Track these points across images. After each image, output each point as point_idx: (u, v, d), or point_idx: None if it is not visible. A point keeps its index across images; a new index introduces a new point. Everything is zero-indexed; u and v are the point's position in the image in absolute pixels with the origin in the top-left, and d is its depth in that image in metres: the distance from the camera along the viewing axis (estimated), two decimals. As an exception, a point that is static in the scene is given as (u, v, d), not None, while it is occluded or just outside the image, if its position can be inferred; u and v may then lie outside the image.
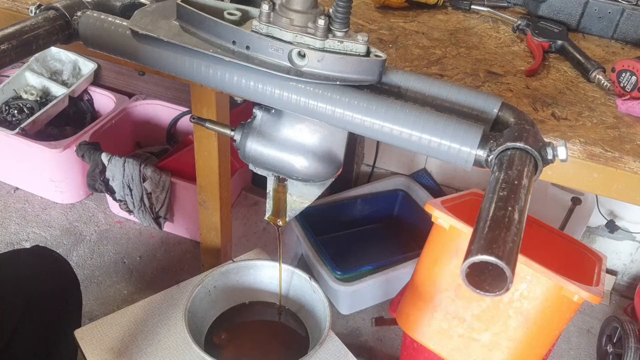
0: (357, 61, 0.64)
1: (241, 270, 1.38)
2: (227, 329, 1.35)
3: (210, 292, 1.33)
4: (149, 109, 2.54)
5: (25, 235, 2.23)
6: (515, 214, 0.50)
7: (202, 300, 1.31)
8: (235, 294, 1.39)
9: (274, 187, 0.88)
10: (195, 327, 1.26)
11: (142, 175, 2.12)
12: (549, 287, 1.22)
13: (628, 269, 2.31)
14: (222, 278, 1.35)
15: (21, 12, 1.06)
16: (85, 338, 1.31)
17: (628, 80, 0.95)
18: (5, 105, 2.39)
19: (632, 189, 0.85)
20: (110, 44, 0.71)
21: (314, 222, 2.13)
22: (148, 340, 1.32)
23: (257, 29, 0.65)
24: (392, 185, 2.42)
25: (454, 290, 1.34)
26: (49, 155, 2.21)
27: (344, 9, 0.63)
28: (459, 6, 1.26)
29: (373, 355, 1.96)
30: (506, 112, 0.69)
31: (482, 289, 0.50)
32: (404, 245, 2.31)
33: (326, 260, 1.97)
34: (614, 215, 2.20)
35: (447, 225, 1.32)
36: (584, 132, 0.86)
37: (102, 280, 2.09)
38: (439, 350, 1.38)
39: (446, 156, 0.63)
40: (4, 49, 0.64)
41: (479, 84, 0.97)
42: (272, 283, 1.38)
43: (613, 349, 1.94)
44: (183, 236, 2.31)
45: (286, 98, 0.67)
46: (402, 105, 0.64)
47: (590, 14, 1.18)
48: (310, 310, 1.33)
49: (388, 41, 1.07)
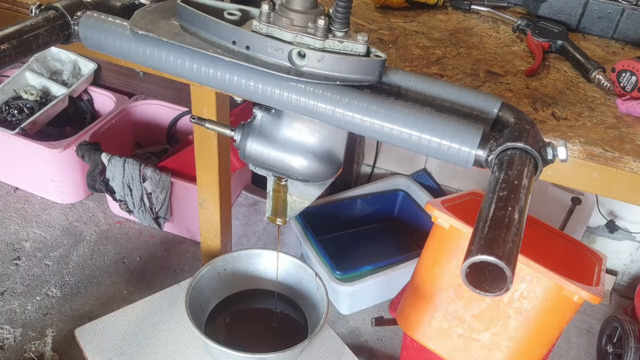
0: (357, 61, 0.64)
1: (252, 257, 1.42)
2: (230, 313, 1.39)
3: (220, 274, 1.37)
4: (149, 109, 2.54)
5: (25, 235, 2.23)
6: (515, 214, 0.50)
7: (211, 280, 1.35)
8: (244, 280, 1.43)
9: (274, 187, 0.88)
10: (199, 306, 1.30)
11: (142, 175, 2.12)
12: (549, 287, 1.22)
13: (628, 269, 2.31)
14: (233, 262, 1.39)
15: (21, 12, 1.06)
16: (86, 337, 1.31)
17: (628, 80, 0.95)
18: (5, 105, 2.39)
19: (632, 189, 0.85)
20: (110, 44, 0.71)
21: (314, 222, 2.13)
22: (148, 338, 1.33)
23: (257, 29, 0.65)
24: (392, 185, 2.42)
25: (454, 290, 1.34)
26: (49, 155, 2.21)
27: (344, 9, 0.63)
28: (459, 6, 1.26)
29: (373, 355, 1.96)
30: (506, 112, 0.69)
31: (482, 289, 0.50)
32: (404, 245, 2.31)
33: (326, 260, 1.97)
34: (614, 215, 2.20)
35: (447, 225, 1.32)
36: (584, 132, 0.86)
37: (102, 280, 2.09)
38: (439, 350, 1.38)
39: (446, 156, 0.63)
40: (4, 49, 0.64)
41: (479, 84, 0.97)
42: (280, 274, 1.42)
43: (613, 349, 1.94)
44: (183, 236, 2.31)
45: (286, 98, 0.67)
46: (402, 105, 0.64)
47: (590, 14, 1.18)
48: (313, 304, 1.37)
49: (388, 41, 1.07)
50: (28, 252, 2.16)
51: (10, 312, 1.92)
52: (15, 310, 1.93)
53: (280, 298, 1.43)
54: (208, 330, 1.34)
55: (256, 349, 1.21)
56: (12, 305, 1.95)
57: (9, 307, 1.94)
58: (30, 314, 1.93)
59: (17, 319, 1.91)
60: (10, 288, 2.01)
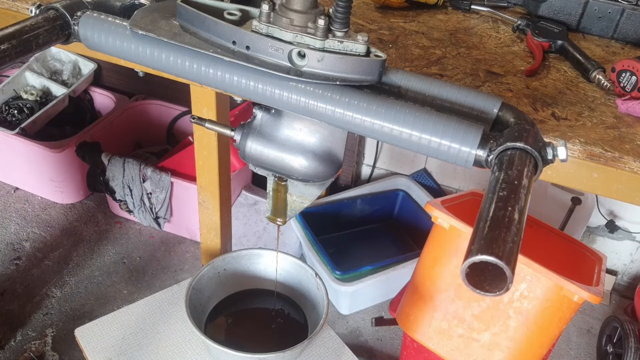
0: (357, 61, 0.64)
1: (252, 257, 1.42)
2: (230, 313, 1.39)
3: (220, 274, 1.38)
4: (149, 109, 2.54)
5: (25, 235, 2.23)
6: (515, 214, 0.50)
7: (211, 280, 1.35)
8: (244, 280, 1.43)
9: (274, 187, 0.88)
10: (199, 306, 1.30)
11: (142, 175, 2.12)
12: (549, 287, 1.22)
13: (628, 269, 2.31)
14: (233, 262, 1.40)
15: (21, 12, 1.06)
16: (86, 337, 1.31)
17: (628, 80, 0.95)
18: (5, 105, 2.39)
19: (632, 189, 0.85)
20: (110, 44, 0.71)
21: (314, 222, 2.13)
22: (148, 338, 1.33)
23: (257, 29, 0.65)
24: (392, 185, 2.42)
25: (454, 290, 1.34)
26: (49, 155, 2.21)
27: (344, 9, 0.63)
28: (459, 6, 1.26)
29: (373, 355, 1.96)
30: (506, 112, 0.69)
31: (482, 289, 0.50)
32: (404, 245, 2.31)
33: (326, 260, 1.98)
34: (614, 215, 2.20)
35: (447, 225, 1.32)
36: (584, 132, 0.86)
37: (102, 280, 2.09)
38: (439, 350, 1.38)
39: (446, 156, 0.63)
40: (4, 49, 0.64)
41: (479, 84, 0.97)
42: (279, 274, 1.42)
43: (613, 349, 1.94)
44: (183, 236, 2.31)
45: (286, 98, 0.67)
46: (402, 105, 0.64)
47: (590, 14, 1.18)
48: (313, 304, 1.37)
49: (388, 41, 1.07)
50: (28, 252, 2.16)
51: (10, 312, 1.93)
52: (15, 310, 1.93)
53: (280, 298, 1.43)
54: (208, 330, 1.34)
55: (256, 349, 1.21)
56: (12, 305, 1.95)
57: (8, 307, 1.94)
58: (30, 314, 1.93)
59: (17, 319, 1.91)
60: (10, 288, 2.01)
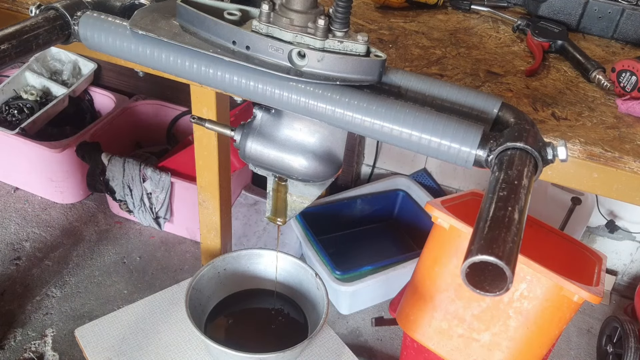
0: (357, 61, 0.64)
1: (252, 257, 1.43)
2: (230, 313, 1.39)
3: (220, 274, 1.38)
4: (149, 109, 2.54)
5: (25, 235, 2.23)
6: (515, 214, 0.50)
7: (211, 280, 1.35)
8: (244, 280, 1.43)
9: (274, 187, 0.88)
10: (199, 306, 1.30)
11: (142, 175, 2.12)
12: (549, 287, 1.22)
13: (628, 269, 2.31)
14: (233, 262, 1.40)
15: (21, 12, 1.06)
16: (86, 337, 1.31)
17: (628, 80, 0.95)
18: (5, 105, 2.39)
19: (632, 189, 0.85)
20: (110, 44, 0.71)
21: (314, 222, 2.13)
22: (148, 338, 1.33)
23: (257, 29, 0.65)
24: (392, 185, 2.42)
25: (454, 290, 1.34)
26: (49, 155, 2.21)
27: (344, 9, 0.63)
28: (459, 6, 1.26)
29: (373, 355, 1.96)
30: (506, 112, 0.69)
31: (482, 289, 0.50)
32: (404, 245, 2.31)
33: (326, 260, 1.97)
34: (614, 215, 2.20)
35: (447, 225, 1.32)
36: (584, 132, 0.86)
37: (102, 280, 2.09)
38: (439, 350, 1.38)
39: (446, 156, 0.63)
40: (4, 49, 0.64)
41: (479, 84, 0.97)
42: (279, 274, 1.42)
43: (613, 349, 1.94)
44: (183, 236, 2.31)
45: (286, 98, 0.67)
46: (402, 105, 0.64)
47: (590, 14, 1.18)
48: (313, 304, 1.37)
49: (388, 41, 1.07)
50: (28, 252, 2.16)
51: (10, 312, 1.93)
52: (15, 310, 1.93)
53: (280, 298, 1.44)
54: (208, 330, 1.34)
55: (256, 349, 1.21)
56: (12, 305, 1.95)
57: (8, 307, 1.94)
58: (30, 314, 1.93)
59: (17, 319, 1.91)
60: (10, 288, 2.01)
